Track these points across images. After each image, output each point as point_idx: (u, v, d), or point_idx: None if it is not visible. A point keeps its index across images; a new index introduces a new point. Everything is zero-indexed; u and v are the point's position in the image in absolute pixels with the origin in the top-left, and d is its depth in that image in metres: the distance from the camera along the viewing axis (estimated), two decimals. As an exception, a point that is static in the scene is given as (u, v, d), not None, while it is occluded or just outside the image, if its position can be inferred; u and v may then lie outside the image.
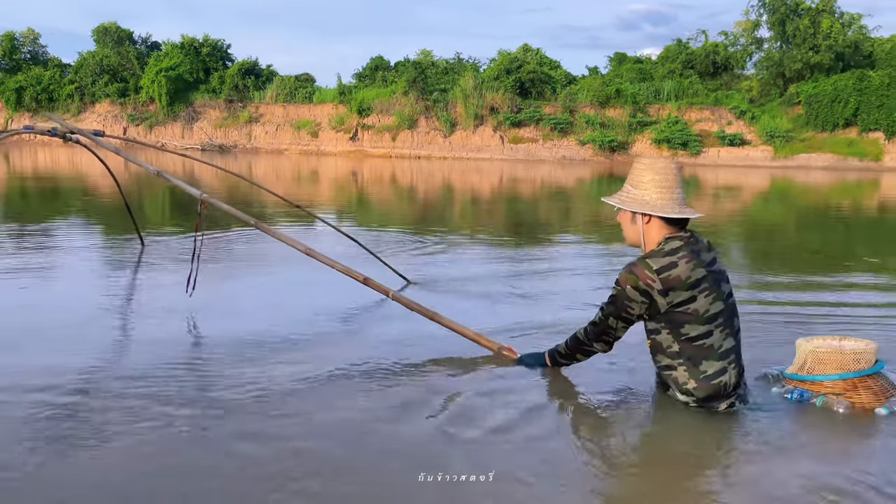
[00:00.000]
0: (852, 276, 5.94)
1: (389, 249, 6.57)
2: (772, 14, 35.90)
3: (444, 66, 41.76)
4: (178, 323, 3.84)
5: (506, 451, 2.29)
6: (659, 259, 2.57)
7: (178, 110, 42.01)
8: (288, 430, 2.45)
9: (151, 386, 2.82)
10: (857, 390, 2.62)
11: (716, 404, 2.59)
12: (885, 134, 33.12)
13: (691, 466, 2.29)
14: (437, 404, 2.70)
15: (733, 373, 2.58)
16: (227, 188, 13.40)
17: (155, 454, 2.25)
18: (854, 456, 2.39)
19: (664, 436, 2.53)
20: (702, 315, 2.55)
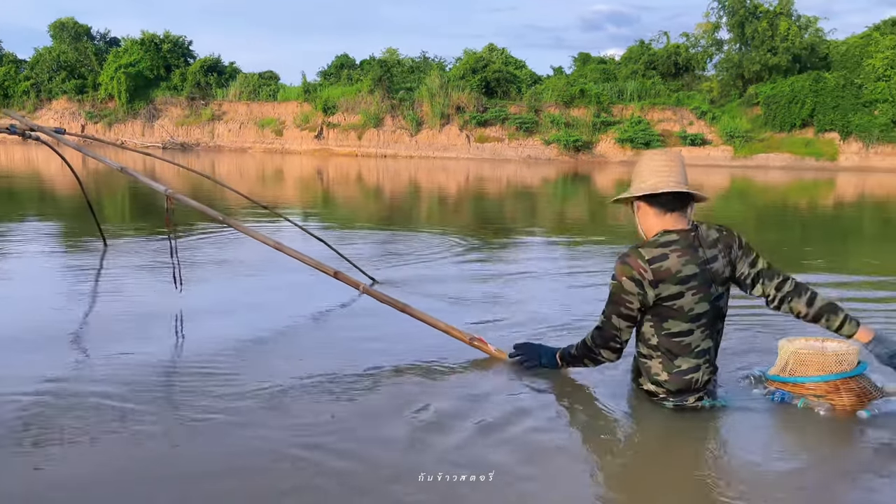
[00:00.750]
0: (814, 275, 6.09)
1: (355, 248, 6.54)
2: (731, 16, 36.62)
3: (409, 64, 41.70)
4: (144, 324, 3.77)
5: (506, 452, 2.29)
6: (651, 249, 2.54)
7: (139, 108, 41.19)
8: (281, 432, 2.42)
9: (112, 389, 2.77)
10: (838, 392, 2.59)
11: (684, 398, 2.62)
12: (840, 134, 34.06)
13: (690, 463, 2.32)
14: (436, 404, 2.70)
15: (706, 371, 2.61)
16: (190, 187, 13.18)
17: (116, 459, 2.22)
18: (831, 458, 2.41)
19: (656, 434, 2.54)
20: (686, 312, 2.54)
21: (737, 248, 2.63)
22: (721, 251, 2.60)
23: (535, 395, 2.81)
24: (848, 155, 33.89)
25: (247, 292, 4.65)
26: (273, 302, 4.35)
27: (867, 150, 33.83)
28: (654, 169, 2.61)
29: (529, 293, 4.87)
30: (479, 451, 2.29)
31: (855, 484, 2.17)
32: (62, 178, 14.07)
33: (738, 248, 2.64)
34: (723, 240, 2.62)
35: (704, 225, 2.64)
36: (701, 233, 2.60)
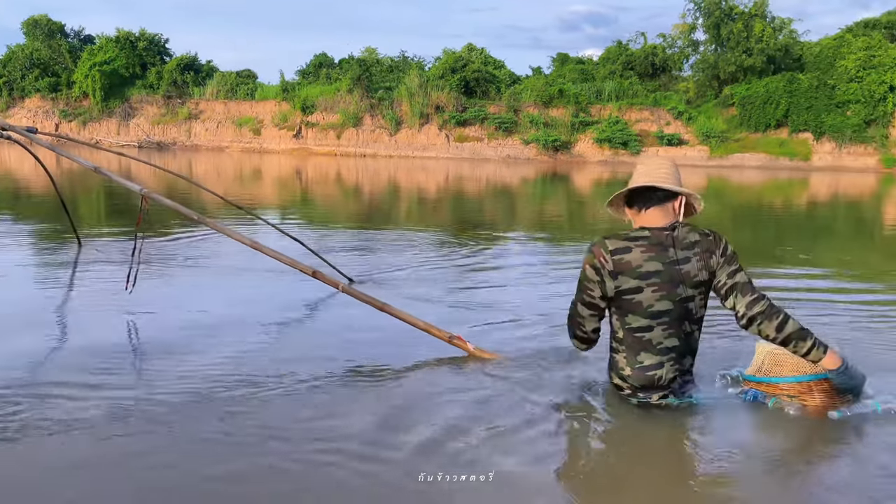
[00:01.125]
0: (786, 270, 6.19)
1: (335, 248, 6.53)
2: (707, 17, 37.00)
3: (388, 64, 41.60)
4: (118, 325, 3.73)
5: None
6: (617, 241, 2.59)
7: (114, 106, 40.65)
8: (264, 436, 2.41)
9: (81, 389, 2.74)
10: (811, 393, 2.61)
11: (648, 395, 2.64)
12: (813, 134, 34.58)
13: (655, 461, 2.35)
14: (418, 404, 2.70)
15: (670, 369, 2.61)
16: (166, 188, 13.04)
17: (89, 457, 2.19)
18: (793, 458, 2.44)
19: (627, 432, 2.55)
20: (645, 308, 2.57)
21: (719, 255, 2.59)
22: (697, 255, 2.59)
23: (517, 393, 2.82)
24: (821, 155, 34.41)
25: (225, 293, 4.61)
26: (250, 303, 4.33)
27: (840, 151, 34.38)
28: (636, 173, 2.69)
29: (509, 292, 4.89)
30: (463, 450, 2.29)
31: (812, 484, 2.21)
32: (36, 178, 13.85)
33: (720, 256, 2.59)
34: (703, 244, 2.60)
35: (688, 227, 2.63)
36: (678, 233, 2.60)
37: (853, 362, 2.56)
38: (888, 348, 3.62)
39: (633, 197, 2.69)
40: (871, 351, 3.54)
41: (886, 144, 34.15)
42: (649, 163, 2.72)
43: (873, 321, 4.23)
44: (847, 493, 2.10)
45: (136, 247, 3.71)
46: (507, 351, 3.31)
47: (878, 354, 3.49)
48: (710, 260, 2.59)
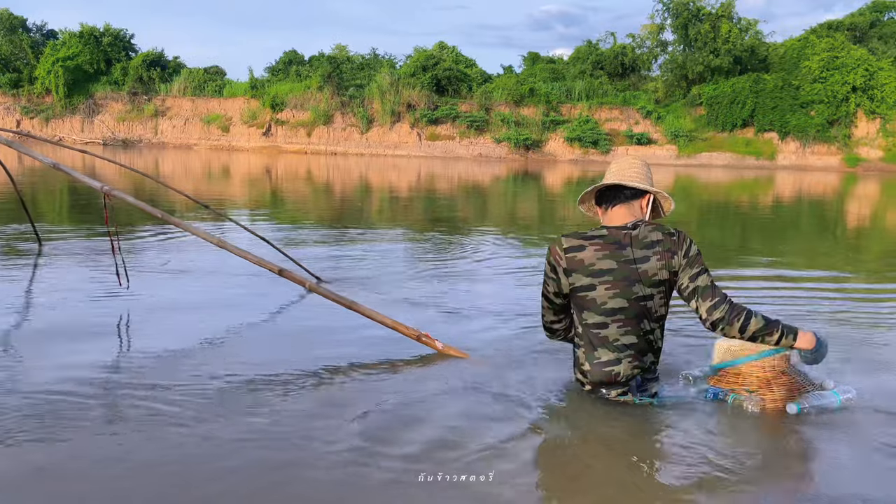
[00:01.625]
0: (752, 269, 6.28)
1: (304, 247, 6.46)
2: (675, 18, 37.51)
3: (359, 61, 41.43)
4: (84, 324, 3.64)
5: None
6: (573, 239, 2.63)
7: (77, 103, 39.87)
8: (250, 434, 2.37)
9: (37, 394, 2.67)
10: (770, 387, 2.62)
11: (606, 391, 2.66)
12: (778, 134, 35.27)
13: (617, 458, 2.35)
14: (385, 403, 2.67)
15: (628, 366, 2.61)
16: (131, 186, 12.81)
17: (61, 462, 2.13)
18: (749, 453, 2.46)
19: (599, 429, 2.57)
20: (599, 305, 2.59)
21: (681, 255, 2.55)
22: (658, 254, 2.56)
23: (485, 390, 2.81)
24: (786, 154, 35.10)
25: (192, 293, 4.53)
26: (215, 303, 4.26)
27: (804, 150, 35.10)
28: (607, 171, 2.74)
29: (479, 289, 4.88)
30: (427, 450, 2.28)
31: (767, 480, 2.24)
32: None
33: (682, 257, 2.55)
34: (666, 244, 2.56)
35: (651, 226, 2.60)
36: (639, 232, 2.60)
37: (822, 335, 2.57)
38: (851, 341, 3.68)
39: (601, 195, 2.73)
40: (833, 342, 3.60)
41: (849, 144, 34.96)
42: (621, 161, 2.76)
43: (837, 314, 4.31)
44: (807, 485, 2.13)
45: (114, 244, 3.63)
46: (477, 348, 3.30)
47: (840, 345, 3.55)
48: (671, 259, 2.56)
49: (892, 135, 35.02)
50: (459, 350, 3.23)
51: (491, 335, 3.60)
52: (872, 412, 2.64)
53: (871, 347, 3.63)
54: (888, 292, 5.32)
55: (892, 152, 34.56)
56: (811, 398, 2.59)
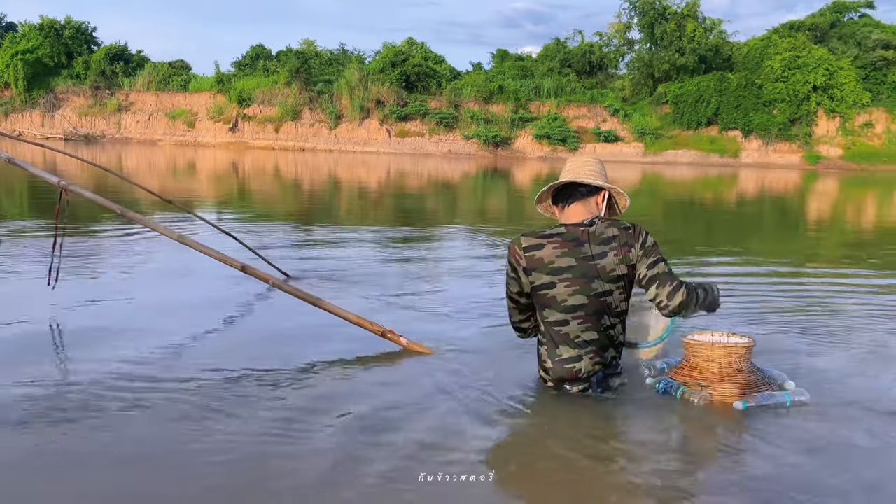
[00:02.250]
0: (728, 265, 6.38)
1: (271, 244, 6.40)
2: (641, 17, 37.96)
3: (328, 56, 41.13)
4: (42, 324, 3.55)
5: (469, 447, 2.28)
6: (531, 238, 2.65)
7: (38, 97, 38.93)
8: (245, 433, 2.33)
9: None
10: (722, 383, 2.64)
11: (568, 387, 2.69)
12: (742, 132, 35.93)
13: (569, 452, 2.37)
14: (362, 399, 2.66)
15: (589, 362, 2.64)
16: (94, 182, 12.55)
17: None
18: (703, 448, 2.49)
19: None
20: (560, 303, 2.61)
21: (638, 247, 2.58)
22: (615, 249, 2.59)
23: (449, 386, 2.81)
24: (749, 151, 35.77)
25: (152, 290, 4.45)
26: (177, 301, 4.19)
27: (766, 148, 35.82)
28: (562, 170, 2.77)
29: (446, 285, 4.88)
30: (396, 447, 2.27)
31: (715, 474, 2.28)
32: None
33: (639, 249, 2.58)
34: (622, 238, 2.59)
35: (607, 222, 2.63)
36: (595, 229, 2.62)
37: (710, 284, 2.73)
38: (804, 335, 3.76)
39: (558, 194, 2.76)
40: (791, 337, 3.68)
41: (810, 142, 35.76)
42: (575, 160, 2.80)
43: (799, 310, 4.40)
44: (756, 481, 2.17)
45: (56, 241, 3.54)
46: (442, 344, 3.30)
47: (794, 340, 3.62)
48: (628, 253, 2.59)
49: (850, 133, 35.93)
50: (424, 346, 3.22)
51: (456, 331, 3.60)
52: (822, 409, 2.67)
53: (826, 339, 3.71)
54: (844, 284, 5.45)
55: (851, 150, 35.45)
56: (760, 397, 2.60)
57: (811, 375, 3.00)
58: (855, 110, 35.81)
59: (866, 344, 3.62)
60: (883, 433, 2.47)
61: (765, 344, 3.38)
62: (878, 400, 2.78)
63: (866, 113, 36.01)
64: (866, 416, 2.62)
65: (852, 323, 4.09)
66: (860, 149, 35.54)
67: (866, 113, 36.01)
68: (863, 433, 2.46)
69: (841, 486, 2.10)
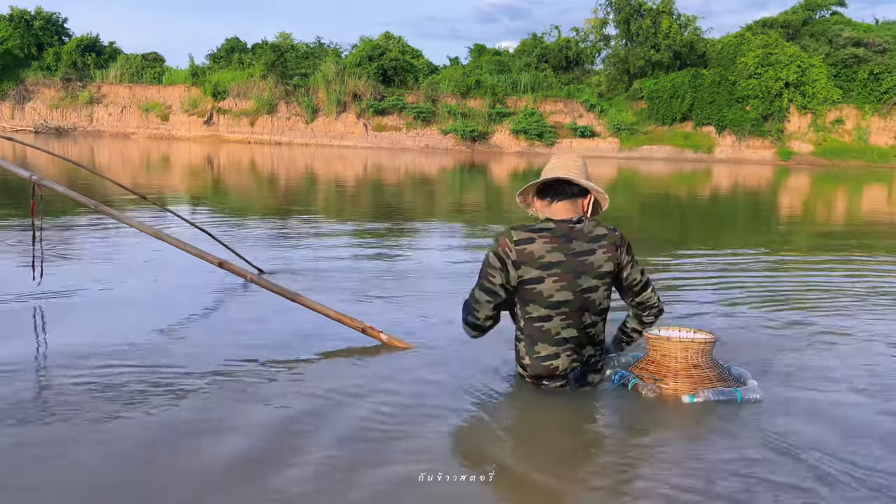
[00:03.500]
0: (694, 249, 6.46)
1: (247, 239, 6.36)
2: (617, 13, 38.15)
3: (304, 50, 40.76)
4: (16, 319, 3.50)
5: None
6: (522, 232, 2.64)
7: (7, 89, 38.12)
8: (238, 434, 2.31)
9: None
10: (676, 376, 2.68)
11: (545, 383, 2.71)
12: (715, 128, 36.32)
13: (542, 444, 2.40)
14: (343, 395, 2.66)
15: (566, 359, 2.67)
16: (65, 176, 12.34)
17: None
18: (665, 438, 2.55)
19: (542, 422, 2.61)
20: (546, 298, 2.63)
21: (624, 252, 2.70)
22: (604, 247, 2.66)
23: (428, 382, 2.83)
24: (723, 147, 36.18)
25: (123, 285, 4.40)
26: (155, 296, 4.15)
27: (740, 143, 36.25)
28: (550, 165, 2.79)
29: (424, 280, 4.89)
30: (373, 444, 2.28)
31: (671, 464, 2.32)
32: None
33: (626, 254, 2.71)
34: (610, 238, 2.68)
35: (594, 222, 2.69)
36: (584, 227, 2.67)
37: None
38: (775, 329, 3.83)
39: (545, 188, 2.75)
40: (757, 331, 3.75)
41: (782, 138, 36.26)
42: (564, 157, 2.81)
43: (768, 303, 4.48)
44: (714, 472, 2.21)
45: (36, 235, 3.49)
46: (421, 340, 3.32)
47: (760, 335, 3.69)
48: (615, 252, 2.68)
49: (822, 129, 36.49)
50: (404, 341, 3.24)
51: (435, 326, 3.62)
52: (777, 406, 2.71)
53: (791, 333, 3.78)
54: (814, 271, 5.56)
55: (822, 146, 36.02)
56: (710, 393, 2.63)
57: (772, 369, 3.06)
58: (826, 107, 36.38)
59: (835, 337, 3.70)
60: (840, 426, 2.52)
61: (731, 338, 3.45)
62: (837, 393, 2.85)
63: (837, 109, 36.60)
64: (826, 409, 2.68)
65: (822, 317, 4.17)
66: (831, 145, 36.12)
67: (837, 109, 36.60)
68: (820, 426, 2.51)
69: (795, 480, 2.14)
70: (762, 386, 2.75)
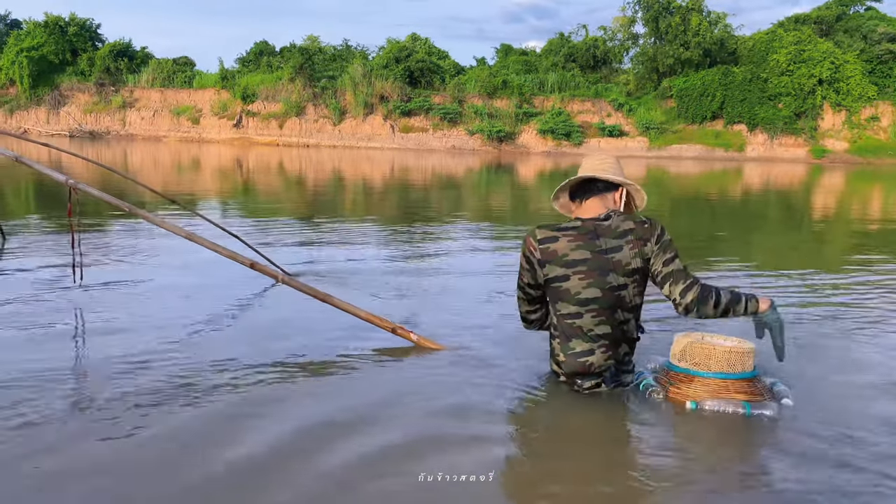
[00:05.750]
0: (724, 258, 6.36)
1: (275, 240, 6.41)
2: (646, 11, 37.79)
3: (331, 52, 41.09)
4: (59, 318, 3.56)
5: (481, 444, 2.28)
6: (547, 231, 2.68)
7: (43, 94, 39.02)
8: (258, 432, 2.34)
9: (22, 390, 2.61)
10: (692, 384, 2.61)
11: (580, 381, 2.68)
12: (747, 126, 35.78)
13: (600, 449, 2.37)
14: (374, 395, 2.67)
15: (601, 356, 2.63)
16: (100, 180, 12.57)
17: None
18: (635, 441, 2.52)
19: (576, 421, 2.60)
20: (573, 295, 2.61)
21: (654, 243, 2.59)
22: (630, 243, 2.59)
23: (460, 383, 2.81)
24: (754, 146, 35.63)
25: (160, 286, 4.46)
26: (189, 296, 4.20)
27: (772, 142, 35.67)
28: (580, 167, 2.80)
29: (453, 280, 4.88)
30: (404, 444, 2.27)
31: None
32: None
33: (654, 244, 2.59)
34: (638, 232, 2.60)
35: (622, 217, 2.64)
36: (611, 223, 2.63)
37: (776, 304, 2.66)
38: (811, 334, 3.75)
39: (576, 190, 2.79)
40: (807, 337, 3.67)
41: (815, 136, 35.60)
42: (593, 156, 2.84)
43: (809, 315, 4.39)
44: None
45: (74, 238, 3.56)
46: (452, 340, 3.30)
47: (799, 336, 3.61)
48: (643, 247, 2.59)
49: (856, 127, 35.74)
50: (435, 342, 3.23)
51: (465, 326, 3.60)
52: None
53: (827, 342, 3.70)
54: (849, 285, 5.43)
55: (857, 144, 35.28)
56: (719, 402, 2.55)
57: (797, 380, 2.91)
58: (861, 104, 35.64)
59: (868, 351, 3.60)
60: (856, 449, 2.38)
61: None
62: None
63: (872, 106, 35.82)
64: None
65: (859, 326, 4.07)
66: (866, 142, 35.36)
67: (872, 106, 35.82)
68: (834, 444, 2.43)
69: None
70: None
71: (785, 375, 2.83)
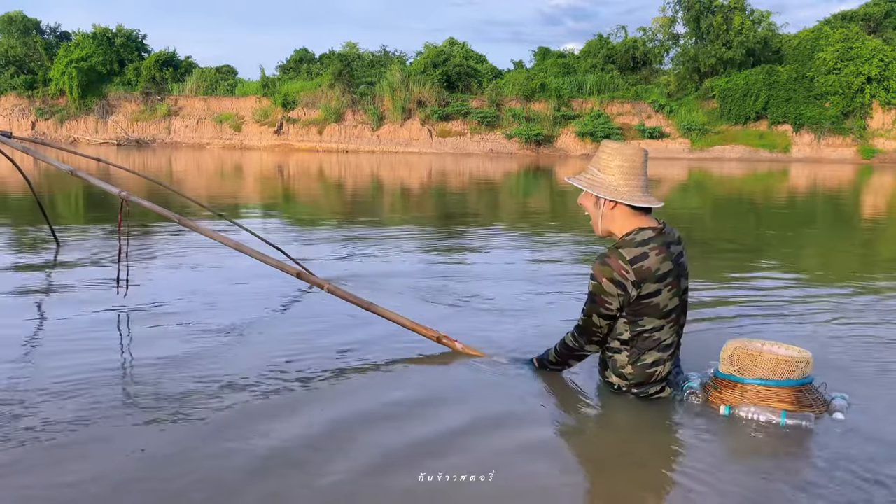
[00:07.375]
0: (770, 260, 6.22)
1: (316, 245, 6.48)
2: (687, 11, 37.23)
3: (370, 58, 41.44)
4: (107, 324, 3.67)
5: (504, 450, 2.29)
6: (631, 249, 2.54)
7: (91, 103, 40.15)
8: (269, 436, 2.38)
9: (76, 396, 2.69)
10: (733, 389, 2.59)
11: (646, 389, 2.67)
12: (792, 126, 34.95)
13: (659, 453, 2.36)
14: (421, 402, 2.69)
15: (668, 364, 2.66)
16: (147, 188, 12.89)
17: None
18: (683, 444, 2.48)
19: (631, 427, 2.58)
20: (661, 309, 2.57)
21: None
22: (683, 247, 2.72)
23: (505, 391, 2.82)
24: (800, 146, 34.79)
25: (202, 294, 4.56)
26: (232, 302, 4.27)
27: (818, 142, 34.78)
28: (626, 170, 2.57)
29: (495, 288, 4.87)
30: (454, 450, 2.28)
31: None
32: (12, 180, 13.62)
33: None
34: (680, 238, 2.72)
35: (665, 222, 2.69)
36: (667, 228, 2.66)
37: None
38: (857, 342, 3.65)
39: None
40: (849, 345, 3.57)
41: (864, 136, 34.60)
42: (635, 160, 2.59)
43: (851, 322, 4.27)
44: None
45: (123, 249, 3.65)
46: (495, 348, 3.30)
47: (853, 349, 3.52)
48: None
49: (907, 126, 34.63)
50: (477, 350, 3.23)
51: (508, 334, 3.60)
52: None
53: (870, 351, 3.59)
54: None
55: (908, 143, 34.17)
56: (754, 409, 2.51)
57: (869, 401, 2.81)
58: (912, 102, 34.51)
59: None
60: None
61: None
62: None
63: (924, 104, 34.67)
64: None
65: None
66: (918, 141, 34.23)
67: (924, 104, 34.67)
68: None
69: None
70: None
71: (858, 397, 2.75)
